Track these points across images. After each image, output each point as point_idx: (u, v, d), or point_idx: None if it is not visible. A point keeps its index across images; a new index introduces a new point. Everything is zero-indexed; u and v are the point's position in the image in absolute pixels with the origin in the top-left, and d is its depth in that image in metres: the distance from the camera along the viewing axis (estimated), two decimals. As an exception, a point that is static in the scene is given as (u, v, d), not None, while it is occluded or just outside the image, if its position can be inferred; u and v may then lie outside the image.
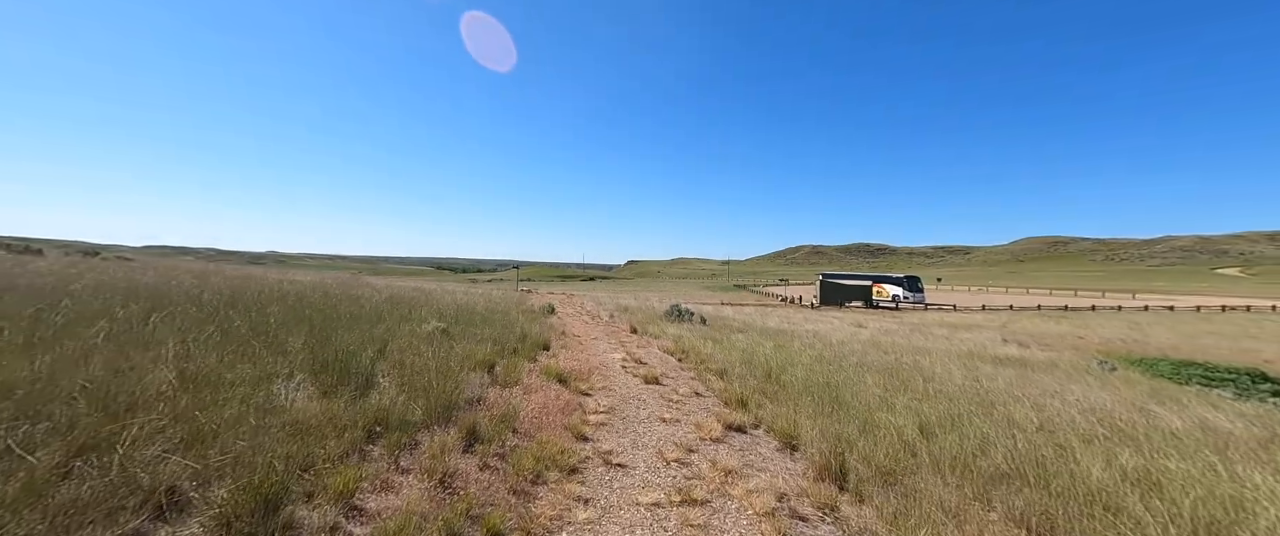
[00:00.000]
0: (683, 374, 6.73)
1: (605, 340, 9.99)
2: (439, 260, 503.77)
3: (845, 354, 11.46)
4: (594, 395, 4.99)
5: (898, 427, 4.26)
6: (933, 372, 9.44)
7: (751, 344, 11.27)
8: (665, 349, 9.12)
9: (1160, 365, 14.32)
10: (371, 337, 5.23)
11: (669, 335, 11.46)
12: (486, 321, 8.62)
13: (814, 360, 9.62)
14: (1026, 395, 7.75)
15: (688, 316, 16.64)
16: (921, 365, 10.55)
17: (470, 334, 6.93)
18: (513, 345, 6.71)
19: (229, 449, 2.35)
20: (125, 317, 4.15)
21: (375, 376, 3.84)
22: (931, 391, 7.00)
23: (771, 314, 26.30)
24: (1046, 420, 5.59)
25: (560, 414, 4.03)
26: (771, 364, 8.08)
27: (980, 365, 11.32)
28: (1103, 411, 6.40)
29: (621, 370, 6.54)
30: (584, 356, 7.19)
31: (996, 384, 8.75)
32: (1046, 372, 11.35)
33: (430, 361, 4.42)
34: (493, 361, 5.38)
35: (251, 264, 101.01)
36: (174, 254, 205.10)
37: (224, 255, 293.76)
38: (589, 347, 8.44)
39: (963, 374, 9.86)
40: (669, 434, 3.90)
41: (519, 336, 7.47)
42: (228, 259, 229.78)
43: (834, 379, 7.30)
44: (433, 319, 7.57)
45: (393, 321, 7.00)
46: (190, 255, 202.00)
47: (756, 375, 6.99)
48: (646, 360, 7.55)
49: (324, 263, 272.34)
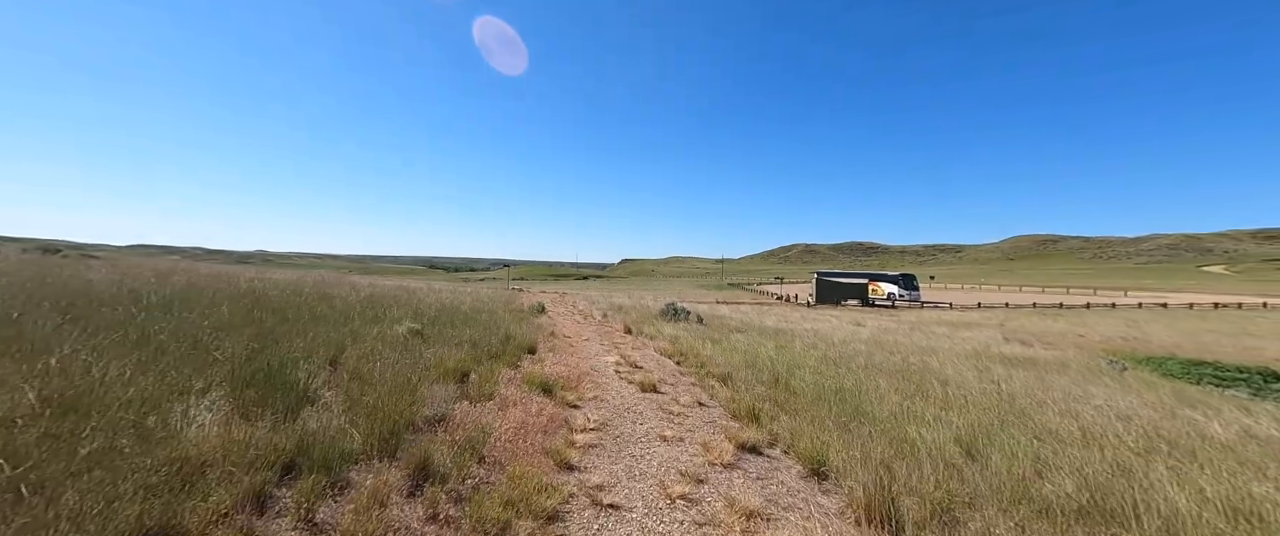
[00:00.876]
0: (682, 379, 6.12)
1: (597, 341, 9.36)
2: (432, 259, 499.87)
3: (849, 354, 10.92)
4: (583, 407, 4.36)
5: (936, 445, 3.68)
6: (945, 374, 8.93)
7: (752, 344, 10.69)
8: (662, 351, 8.50)
9: (1169, 364, 13.95)
10: (327, 342, 4.56)
11: (665, 335, 10.85)
12: (468, 322, 7.95)
13: (820, 362, 9.06)
14: (1050, 399, 7.24)
15: (684, 315, 16.05)
16: (931, 366, 10.04)
17: (447, 336, 6.26)
18: (494, 349, 6.05)
19: (60, 506, 1.70)
20: (19, 320, 3.45)
21: (316, 391, 3.19)
22: (951, 397, 6.45)
23: (768, 313, 25.80)
24: (1086, 429, 5.04)
25: (541, 434, 3.40)
26: (777, 367, 7.50)
27: (991, 366, 10.82)
28: (1139, 418, 5.88)
29: (615, 376, 5.91)
30: (573, 360, 6.55)
31: (1014, 386, 8.23)
32: (1059, 373, 10.88)
33: (391, 370, 3.77)
34: (467, 369, 4.73)
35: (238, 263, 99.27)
36: (159, 253, 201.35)
37: (211, 254, 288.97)
38: (579, 350, 7.80)
39: (976, 375, 9.36)
40: (672, 457, 3.29)
41: (502, 338, 6.81)
42: (215, 258, 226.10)
43: (845, 383, 6.73)
44: (407, 319, 6.90)
45: (361, 322, 6.32)
46: (176, 254, 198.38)
47: (763, 380, 6.39)
48: (642, 364, 6.93)
49: (314, 262, 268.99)
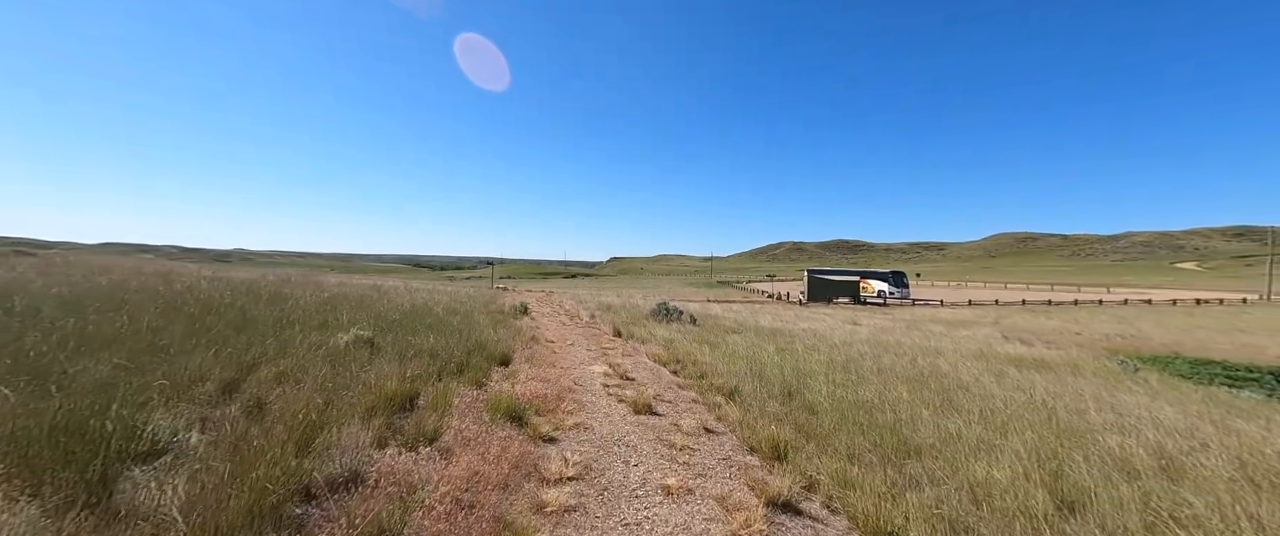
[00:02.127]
0: (682, 394, 5.25)
1: (584, 346, 8.45)
2: (418, 258, 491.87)
3: (855, 356, 10.18)
4: (561, 441, 3.45)
5: (1015, 490, 2.86)
6: (962, 380, 8.21)
7: (752, 348, 9.88)
8: (655, 356, 7.63)
9: (1176, 364, 13.51)
10: (238, 360, 3.58)
11: (658, 338, 9.99)
12: (436, 327, 6.98)
13: (827, 367, 8.28)
14: (1081, 407, 6.54)
15: (676, 316, 15.20)
16: (941, 369, 9.33)
17: (404, 346, 5.30)
18: (458, 360, 5.10)
19: None
20: None
21: (176, 438, 2.25)
22: (986, 410, 5.68)
23: (762, 312, 25.10)
24: (1160, 453, 4.29)
25: (499, 492, 2.48)
26: (785, 375, 6.68)
27: (1005, 369, 10.16)
28: (1203, 435, 5.16)
29: (603, 391, 5.02)
30: (554, 372, 5.63)
31: (1036, 393, 7.52)
32: (1075, 376, 10.26)
33: (304, 399, 2.83)
34: (415, 391, 3.78)
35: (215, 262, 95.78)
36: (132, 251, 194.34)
37: (187, 252, 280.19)
38: (563, 358, 6.89)
39: (994, 381, 8.66)
40: (681, 523, 2.40)
41: (470, 347, 5.87)
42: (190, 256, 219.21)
43: (865, 394, 5.94)
44: (360, 325, 5.90)
45: (302, 330, 5.31)
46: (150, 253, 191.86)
47: (773, 393, 5.55)
48: (634, 373, 6.05)
49: (295, 260, 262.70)
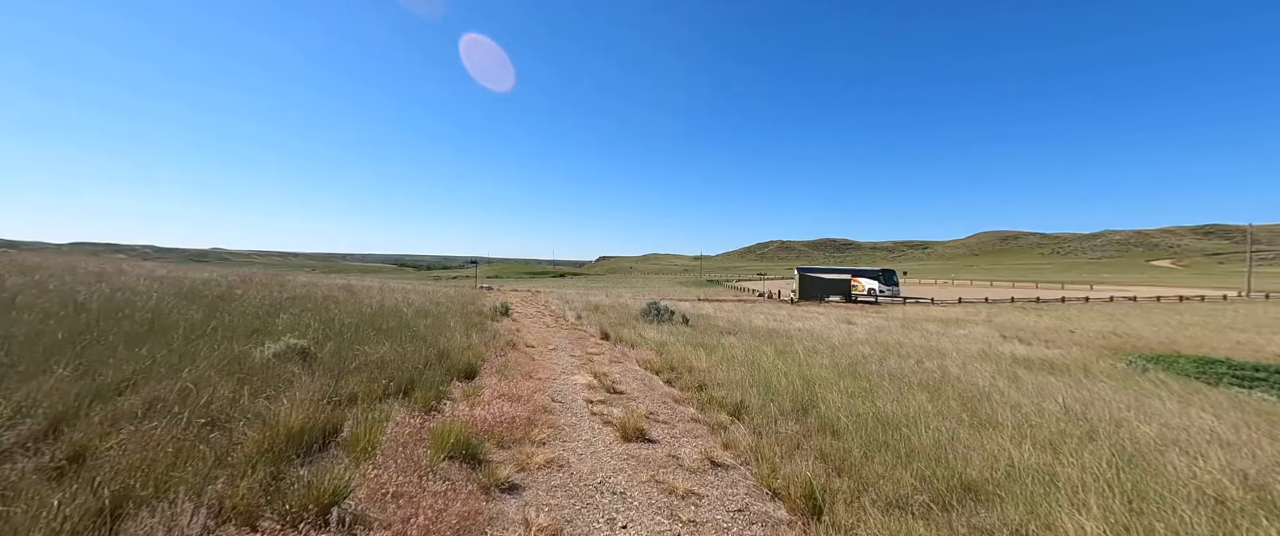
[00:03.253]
0: (679, 410, 4.48)
1: (567, 351, 7.64)
2: (404, 257, 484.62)
3: (857, 359, 9.53)
4: (525, 489, 2.64)
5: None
6: (978, 385, 7.58)
7: (751, 351, 9.16)
8: (646, 363, 6.85)
9: (1179, 362, 13.13)
10: (98, 384, 2.72)
11: (649, 341, 9.21)
12: (397, 332, 6.11)
13: (834, 372, 7.59)
14: (1118, 417, 5.92)
15: (668, 316, 14.44)
16: (951, 373, 8.72)
17: (348, 357, 4.44)
18: (410, 374, 4.24)
19: None
20: None
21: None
22: (1024, 424, 5.01)
23: (754, 311, 24.49)
24: (1238, 479, 3.63)
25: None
26: (793, 385, 5.94)
27: (1016, 371, 9.59)
28: (1261, 454, 4.54)
29: (585, 409, 4.22)
30: (529, 386, 4.82)
31: (1060, 399, 6.90)
32: (1087, 377, 9.72)
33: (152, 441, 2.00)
34: (334, 422, 2.93)
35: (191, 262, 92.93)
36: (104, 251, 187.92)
37: (162, 252, 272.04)
38: (542, 366, 6.07)
39: (1010, 384, 8.06)
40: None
41: (431, 356, 5.01)
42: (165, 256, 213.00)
43: (885, 408, 5.24)
44: (306, 331, 5.01)
45: (226, 338, 4.42)
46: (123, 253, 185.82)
47: (783, 407, 4.81)
48: (623, 385, 5.26)
49: (274, 260, 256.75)
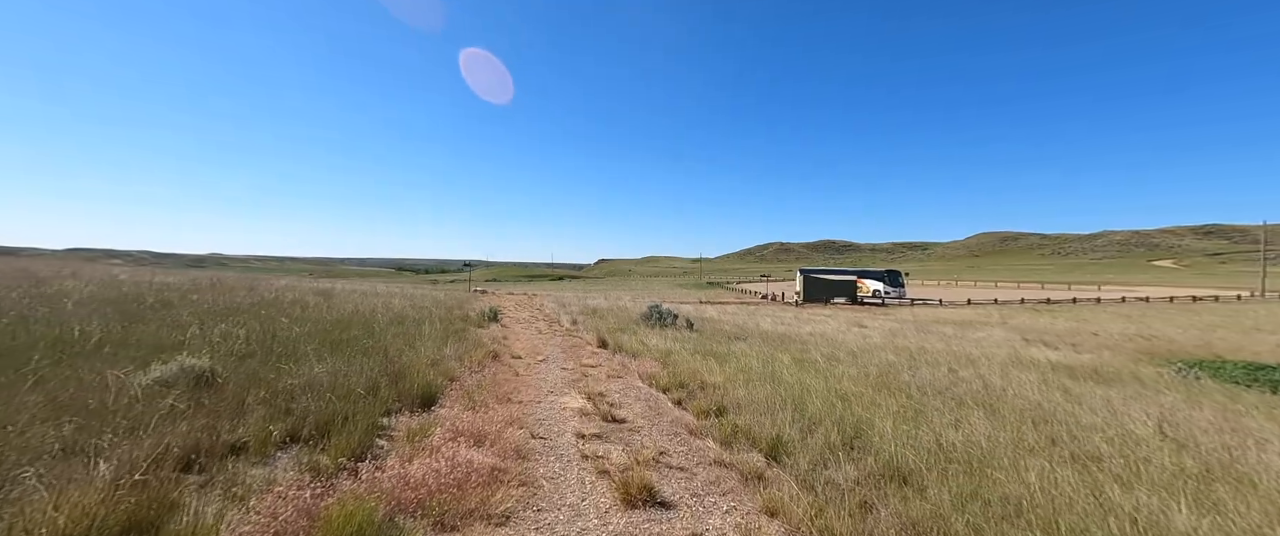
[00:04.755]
0: (696, 446, 3.47)
1: (559, 364, 6.62)
2: (402, 261, 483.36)
3: (885, 367, 8.52)
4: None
5: None
6: (1030, 399, 6.58)
7: (766, 360, 8.15)
8: (651, 378, 5.83)
9: (1227, 368, 12.12)
10: None
11: (653, 350, 8.19)
12: (352, 345, 5.09)
13: (866, 385, 6.59)
14: (1230, 446, 4.91)
15: (671, 320, 13.42)
16: (993, 384, 7.69)
17: (270, 379, 3.41)
18: (336, 408, 3.20)
19: None
20: None
21: None
22: (1106, 453, 4.02)
23: (759, 313, 23.47)
24: None
25: None
26: (832, 406, 4.91)
27: (1064, 381, 8.58)
28: None
29: (575, 450, 3.21)
30: (503, 414, 3.79)
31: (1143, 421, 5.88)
32: (1146, 388, 8.71)
33: None
34: (158, 510, 1.88)
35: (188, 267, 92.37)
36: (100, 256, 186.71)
37: (159, 257, 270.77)
38: (527, 384, 5.05)
39: (1062, 396, 7.05)
40: None
41: (378, 378, 3.99)
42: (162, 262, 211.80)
43: (947, 435, 4.25)
44: (233, 345, 3.98)
45: (112, 356, 3.38)
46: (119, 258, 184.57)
47: (828, 438, 3.78)
48: (624, 408, 4.24)
49: (271, 265, 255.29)
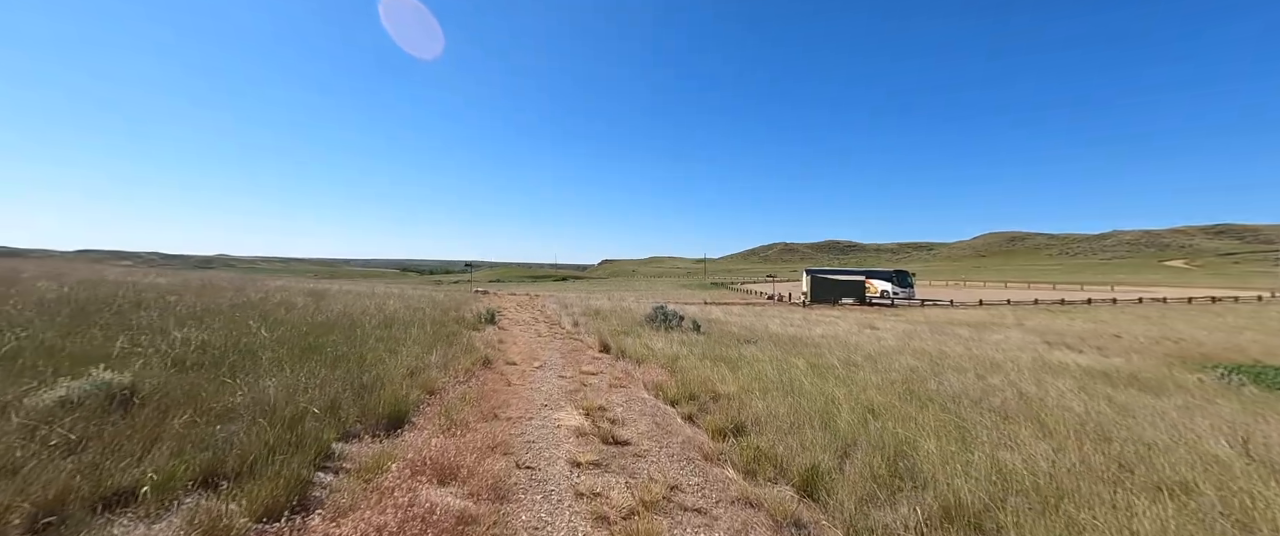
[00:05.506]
0: (715, 476, 2.90)
1: (557, 371, 6.05)
2: (407, 262, 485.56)
3: (908, 374, 7.92)
4: None
5: None
6: (1079, 412, 5.95)
7: (780, 366, 7.55)
8: (658, 387, 5.25)
9: (1269, 374, 11.43)
10: None
11: (658, 354, 7.61)
12: (324, 351, 4.52)
13: (892, 394, 5.99)
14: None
15: (676, 322, 12.83)
16: (1027, 392, 7.06)
17: (208, 395, 2.85)
18: (282, 432, 2.65)
19: None
20: None
21: None
22: (1188, 477, 3.39)
23: (766, 315, 22.82)
24: None
25: None
26: (868, 425, 4.31)
27: (1102, 388, 7.93)
28: None
29: (567, 484, 2.64)
30: (485, 436, 3.23)
31: (1214, 436, 5.22)
32: (1198, 397, 8.04)
33: None
34: None
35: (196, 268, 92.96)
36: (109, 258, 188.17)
37: (168, 258, 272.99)
38: (518, 397, 4.48)
39: (1109, 407, 6.45)
40: None
41: (340, 393, 3.43)
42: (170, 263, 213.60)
43: (1005, 459, 3.65)
44: (185, 352, 3.43)
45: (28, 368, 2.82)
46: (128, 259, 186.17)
47: (870, 468, 3.19)
48: (627, 426, 3.66)
49: (277, 266, 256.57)
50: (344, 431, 2.98)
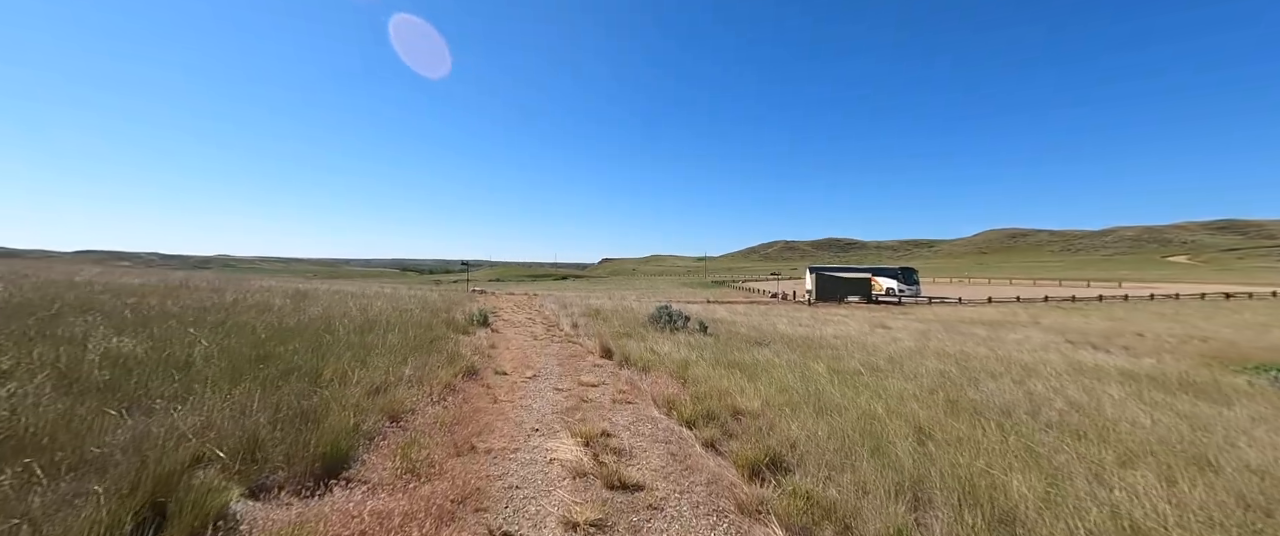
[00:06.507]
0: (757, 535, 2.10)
1: (553, 382, 5.29)
2: (406, 262, 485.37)
3: (941, 380, 7.14)
4: None
5: None
6: (1143, 426, 5.20)
7: (801, 373, 6.79)
8: (670, 403, 4.48)
9: (1318, 375, 10.59)
10: None
11: (666, 360, 6.85)
12: (286, 360, 3.74)
13: (935, 407, 5.21)
14: None
15: (681, 323, 12.07)
16: (1078, 400, 6.29)
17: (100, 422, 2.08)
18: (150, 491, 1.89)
19: None
20: None
21: None
22: None
23: (773, 314, 22.06)
24: None
25: None
26: (929, 454, 3.55)
27: (1159, 396, 7.15)
28: None
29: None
30: (458, 477, 2.48)
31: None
32: (1265, 404, 7.27)
33: None
34: None
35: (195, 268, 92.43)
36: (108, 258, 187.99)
37: (167, 259, 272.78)
38: (504, 418, 3.72)
39: (1181, 422, 5.66)
40: None
41: (269, 424, 2.66)
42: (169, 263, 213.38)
43: (1118, 506, 2.87)
44: (71, 374, 2.64)
45: None
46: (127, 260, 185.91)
47: (964, 529, 2.40)
48: (637, 460, 2.92)
49: (277, 266, 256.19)
50: (254, 483, 2.21)
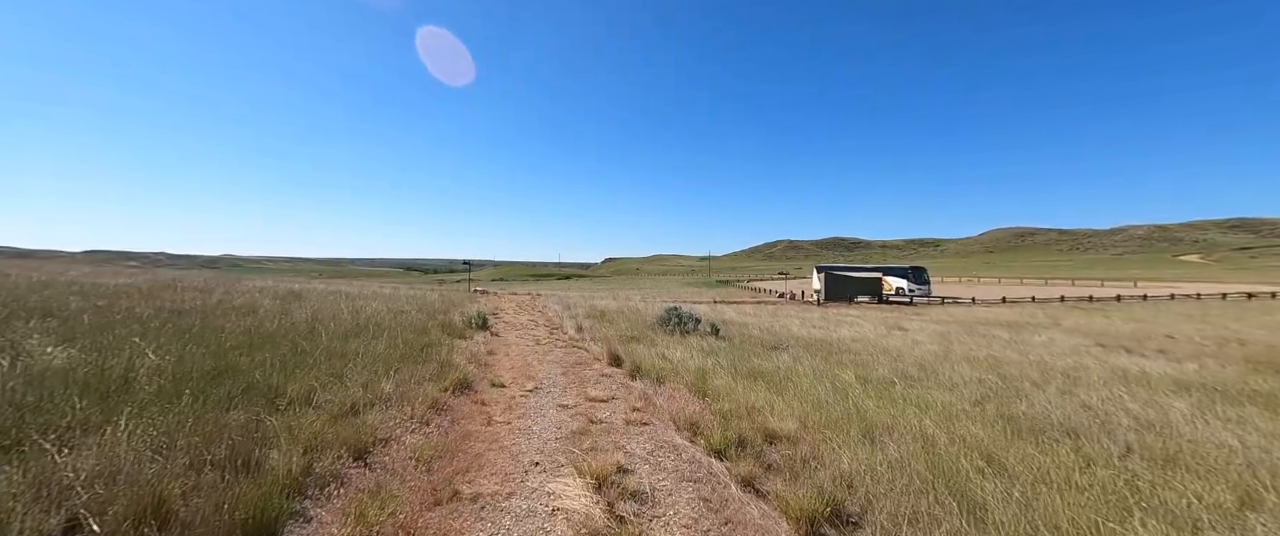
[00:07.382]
0: None
1: (555, 396, 4.68)
2: (411, 261, 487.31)
3: (989, 393, 6.48)
4: None
5: None
6: (1232, 446, 4.53)
7: (831, 384, 6.13)
8: (692, 425, 3.86)
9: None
10: None
11: (680, 368, 6.22)
12: (247, 374, 3.14)
13: (992, 425, 4.56)
14: None
15: (691, 325, 11.43)
16: (1145, 417, 5.62)
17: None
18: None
19: None
20: None
21: None
22: None
23: (782, 315, 21.39)
24: None
25: None
26: (1017, 495, 2.92)
27: (1234, 411, 6.45)
28: None
29: None
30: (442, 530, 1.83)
31: None
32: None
33: None
34: None
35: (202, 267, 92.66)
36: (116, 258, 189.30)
37: (174, 258, 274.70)
38: (497, 447, 3.13)
39: (1271, 443, 4.98)
40: None
41: (160, 492, 2.05)
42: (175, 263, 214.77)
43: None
44: None
45: None
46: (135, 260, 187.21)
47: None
48: (659, 519, 2.27)
49: (282, 265, 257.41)
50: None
